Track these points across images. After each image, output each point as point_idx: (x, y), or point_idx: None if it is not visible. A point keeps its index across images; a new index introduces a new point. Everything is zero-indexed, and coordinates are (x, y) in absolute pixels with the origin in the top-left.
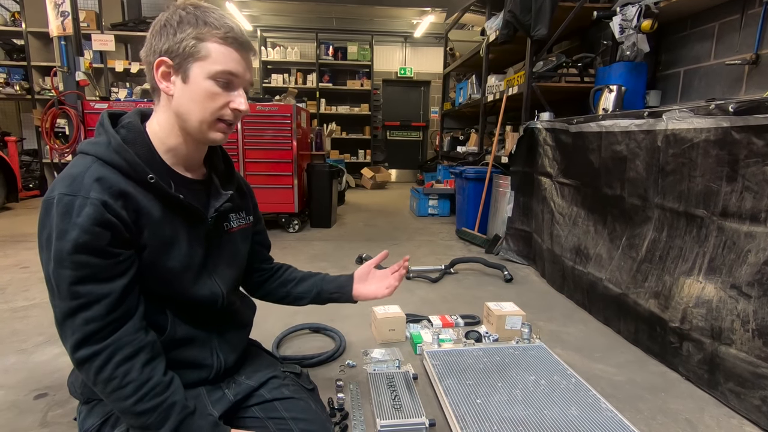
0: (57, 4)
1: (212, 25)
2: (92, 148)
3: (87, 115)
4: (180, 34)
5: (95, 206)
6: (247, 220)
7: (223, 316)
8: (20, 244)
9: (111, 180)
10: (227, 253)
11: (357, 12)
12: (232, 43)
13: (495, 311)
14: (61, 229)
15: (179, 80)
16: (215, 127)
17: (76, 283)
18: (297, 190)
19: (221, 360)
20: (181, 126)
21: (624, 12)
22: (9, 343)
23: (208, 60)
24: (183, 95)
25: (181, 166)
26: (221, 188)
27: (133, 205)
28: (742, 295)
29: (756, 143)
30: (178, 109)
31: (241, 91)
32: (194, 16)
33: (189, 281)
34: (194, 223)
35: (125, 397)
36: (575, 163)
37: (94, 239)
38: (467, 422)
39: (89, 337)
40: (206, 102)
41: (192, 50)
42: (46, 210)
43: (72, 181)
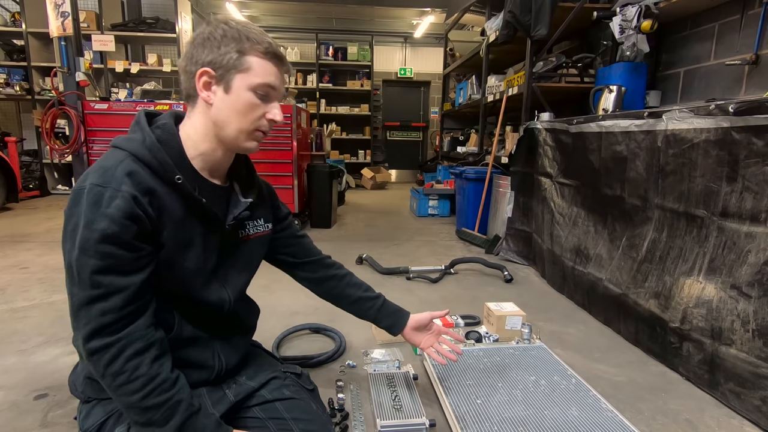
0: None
1: (254, 41)
2: (127, 144)
3: (87, 115)
4: (224, 48)
5: (126, 199)
6: (265, 227)
7: (228, 320)
8: (20, 245)
9: (141, 176)
10: (240, 261)
11: (357, 12)
12: (272, 58)
13: (495, 311)
14: (89, 219)
15: (221, 90)
16: (252, 137)
17: (98, 273)
18: (297, 190)
19: (222, 362)
20: (217, 133)
21: (624, 12)
22: (9, 344)
23: (250, 73)
24: (223, 104)
25: (207, 171)
26: (241, 196)
27: (158, 202)
28: (743, 295)
29: (756, 143)
30: (217, 117)
31: (276, 103)
32: (237, 31)
33: (199, 285)
34: (211, 228)
35: (133, 392)
36: (575, 164)
37: (122, 231)
38: (467, 422)
39: (103, 329)
40: (246, 112)
41: (235, 63)
42: (75, 198)
43: (104, 172)
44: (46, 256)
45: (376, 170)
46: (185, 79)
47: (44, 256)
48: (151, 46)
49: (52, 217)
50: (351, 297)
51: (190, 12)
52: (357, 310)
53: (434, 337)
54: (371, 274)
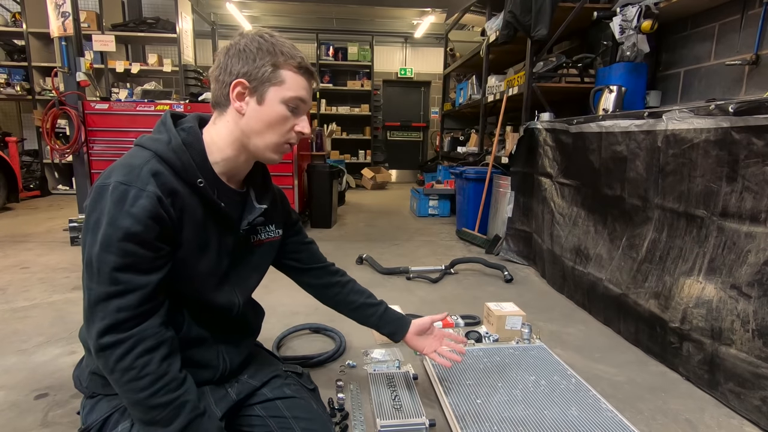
0: (58, 5)
1: (288, 55)
2: (153, 144)
3: (87, 115)
4: (259, 61)
5: (151, 199)
6: (276, 233)
7: (235, 323)
8: (21, 245)
9: (165, 177)
10: (250, 265)
11: (357, 12)
12: (304, 73)
13: (495, 311)
14: (113, 216)
15: (254, 101)
16: (279, 149)
17: (118, 270)
18: (297, 190)
19: (227, 362)
20: (245, 142)
21: (624, 12)
22: (9, 344)
23: (283, 86)
24: (256, 115)
25: (225, 176)
26: (256, 201)
27: (180, 204)
28: (742, 295)
29: (756, 143)
30: (248, 126)
31: (305, 117)
32: (271, 44)
33: (210, 287)
34: (226, 232)
35: (141, 389)
36: (575, 164)
37: (145, 231)
38: (467, 422)
39: (117, 325)
40: (278, 125)
41: (270, 76)
42: (99, 194)
43: (130, 170)
44: (46, 256)
45: (376, 170)
46: (217, 88)
47: (45, 256)
48: (151, 46)
49: (53, 217)
50: (354, 303)
51: (190, 12)
52: (359, 316)
53: (437, 342)
54: (371, 274)
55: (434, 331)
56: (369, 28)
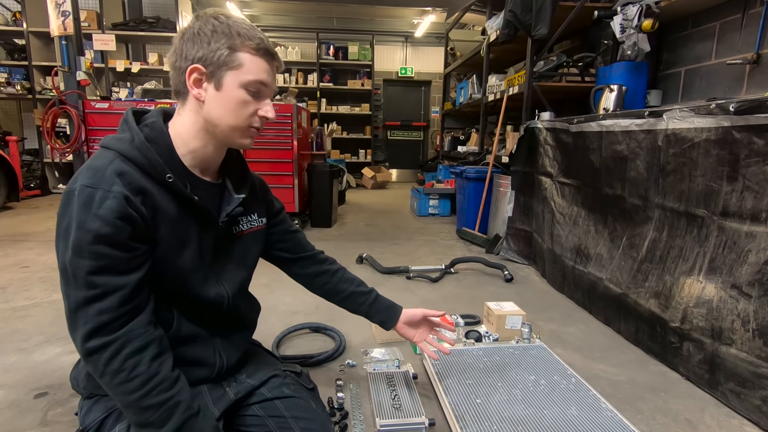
0: (58, 4)
1: (245, 36)
2: (116, 144)
3: (88, 114)
4: (214, 44)
5: (118, 199)
6: (259, 222)
7: (227, 317)
8: (21, 244)
9: (132, 176)
10: (235, 257)
11: (358, 12)
12: (264, 54)
13: (495, 311)
14: (81, 220)
15: (212, 87)
16: (246, 134)
17: (93, 273)
18: (297, 189)
19: (223, 359)
20: (209, 130)
21: (625, 11)
22: (9, 343)
23: (241, 69)
24: (215, 102)
25: (198, 168)
26: (234, 192)
27: (150, 202)
28: (743, 294)
29: (757, 143)
30: (209, 114)
31: (268, 100)
32: (227, 26)
33: (196, 282)
34: (205, 225)
35: (131, 391)
36: (576, 163)
37: (115, 232)
38: (467, 422)
39: (101, 328)
40: (238, 110)
41: (226, 59)
42: (67, 200)
43: (94, 173)
44: (46, 255)
45: (376, 170)
46: (174, 75)
47: (45, 255)
48: (151, 45)
49: (53, 216)
50: (344, 292)
51: (191, 11)
52: (350, 305)
53: (427, 332)
54: (371, 273)
55: (426, 323)
56: (369, 28)
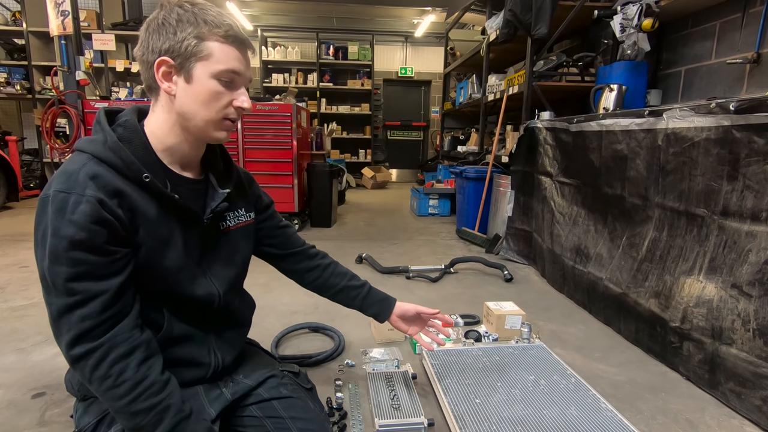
0: (57, 4)
1: (212, 24)
2: (88, 146)
3: (87, 114)
4: (180, 33)
5: (91, 204)
6: (247, 217)
7: (220, 315)
8: (20, 244)
9: (106, 178)
10: (224, 254)
11: (357, 12)
12: (233, 42)
13: (495, 311)
14: (56, 226)
15: (182, 80)
16: (221, 126)
17: (72, 280)
18: (297, 189)
19: (218, 358)
20: (183, 125)
21: (625, 11)
22: (8, 342)
23: (211, 59)
24: (186, 95)
25: (177, 165)
26: (218, 187)
27: (128, 204)
28: (743, 294)
29: (757, 142)
30: (182, 108)
31: (243, 89)
32: (192, 14)
33: (185, 281)
34: (190, 223)
35: (120, 396)
36: (576, 163)
37: (90, 237)
38: (466, 422)
39: (84, 335)
40: (211, 102)
41: (194, 50)
42: (42, 207)
43: (67, 178)
44: None
45: (376, 169)
46: (143, 70)
47: None
48: None
49: None
50: (336, 286)
51: None
52: (343, 299)
53: (421, 327)
54: (371, 273)
55: (420, 318)
56: (369, 28)
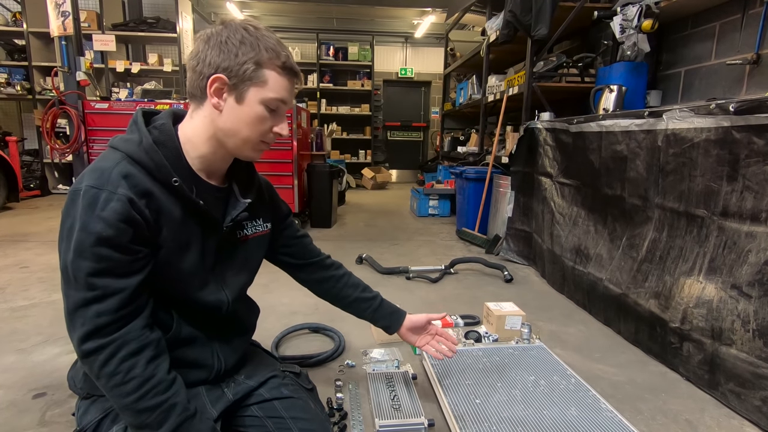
0: (58, 5)
1: (272, 52)
2: (123, 145)
3: (87, 115)
4: (242, 56)
5: (122, 202)
6: (264, 227)
7: (226, 321)
8: (20, 244)
9: (137, 178)
10: (237, 262)
11: (357, 12)
12: (288, 73)
13: (495, 311)
14: (84, 221)
15: (232, 99)
16: (257, 147)
17: (93, 275)
18: (297, 190)
19: (222, 361)
20: (221, 139)
21: (624, 12)
22: (8, 343)
23: (265, 87)
24: (232, 114)
25: (204, 172)
26: (240, 196)
27: (155, 205)
28: (743, 295)
29: (757, 143)
30: (225, 125)
31: (284, 116)
32: (256, 38)
33: (196, 286)
34: (209, 230)
35: (127, 393)
36: (575, 163)
37: (117, 234)
38: (466, 422)
39: (98, 330)
40: (256, 125)
41: (252, 74)
42: (72, 200)
43: (100, 174)
44: (46, 256)
45: (376, 170)
46: (194, 79)
47: (44, 255)
48: (151, 45)
49: (53, 216)
50: (349, 297)
51: (191, 12)
52: (355, 310)
53: (429, 337)
54: (371, 273)
55: (429, 329)
56: (369, 28)
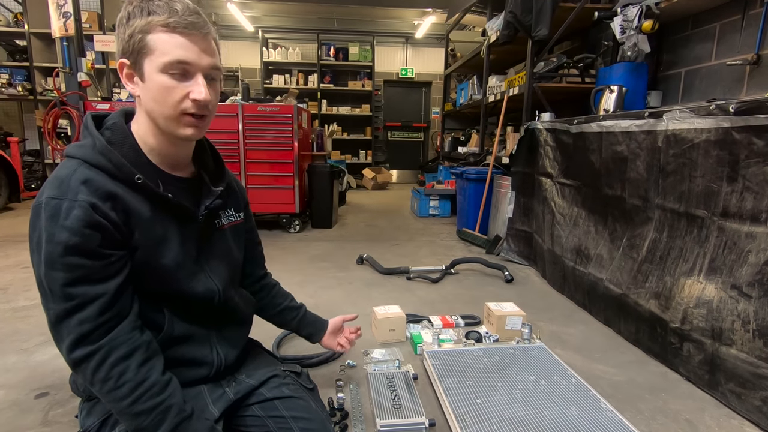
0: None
1: (156, 13)
2: (77, 151)
3: None
4: (129, 30)
5: (84, 208)
6: (237, 217)
7: (221, 312)
8: (22, 244)
9: (98, 182)
10: (219, 251)
11: (358, 13)
12: (175, 29)
13: (495, 311)
14: (50, 233)
15: (139, 80)
16: (183, 122)
17: (68, 285)
18: (298, 190)
19: (221, 357)
20: (155, 124)
21: (625, 12)
22: (10, 343)
23: (155, 53)
24: (145, 94)
25: (167, 165)
26: (211, 185)
27: (121, 206)
28: (743, 295)
29: (756, 143)
30: (147, 108)
31: (199, 79)
32: (140, 7)
33: (184, 279)
34: (185, 221)
35: (121, 398)
36: (576, 164)
37: (84, 241)
38: (467, 422)
39: (84, 338)
40: (164, 97)
41: (140, 45)
42: (35, 214)
43: (59, 184)
44: None
45: (377, 170)
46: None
47: None
48: None
49: None
50: (279, 306)
51: None
52: (280, 319)
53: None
54: (372, 273)
55: (342, 329)
56: (370, 29)
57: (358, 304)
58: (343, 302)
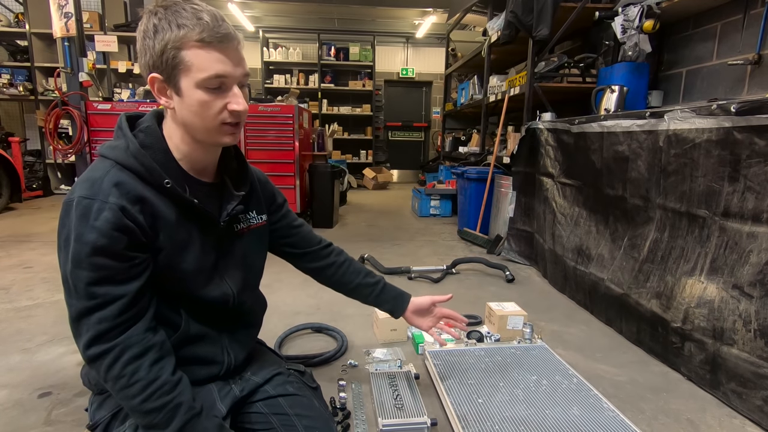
0: (60, 6)
1: (185, 26)
2: (111, 153)
3: (90, 115)
4: (159, 46)
5: (113, 211)
6: (258, 219)
7: (234, 315)
8: (24, 244)
9: (129, 185)
10: (238, 255)
11: (359, 12)
12: (210, 43)
13: (497, 311)
14: (79, 232)
15: (174, 93)
16: (221, 131)
17: (92, 284)
18: (299, 190)
19: (231, 357)
20: (191, 135)
21: (626, 12)
22: (13, 342)
23: (192, 69)
24: (182, 108)
25: (195, 170)
26: (234, 190)
27: (149, 209)
28: (744, 295)
29: (758, 143)
30: (182, 120)
31: (236, 90)
32: (167, 21)
33: (201, 283)
34: (207, 227)
35: (133, 396)
36: (577, 164)
37: (111, 243)
38: (469, 422)
39: (101, 336)
40: (204, 111)
41: (174, 62)
42: (65, 211)
43: (92, 184)
44: (49, 256)
45: (377, 170)
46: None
47: (48, 255)
48: None
49: (56, 216)
50: (351, 283)
51: None
52: (358, 295)
53: (435, 320)
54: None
55: (434, 311)
56: (370, 28)
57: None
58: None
